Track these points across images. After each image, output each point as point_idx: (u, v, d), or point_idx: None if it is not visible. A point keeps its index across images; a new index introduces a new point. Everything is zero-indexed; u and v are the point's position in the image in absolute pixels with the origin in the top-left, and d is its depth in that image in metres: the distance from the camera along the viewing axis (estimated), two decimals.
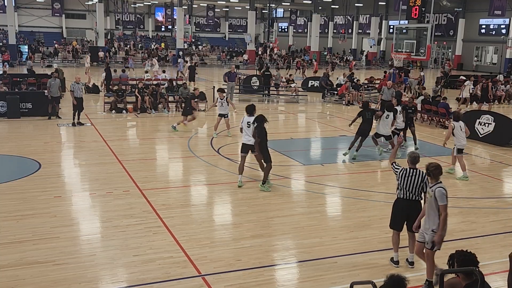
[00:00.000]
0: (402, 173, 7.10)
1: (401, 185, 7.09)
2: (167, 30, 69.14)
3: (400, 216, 7.20)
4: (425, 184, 7.00)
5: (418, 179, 7.05)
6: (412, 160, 7.19)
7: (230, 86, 23.79)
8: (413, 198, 7.09)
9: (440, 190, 6.40)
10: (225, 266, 7.12)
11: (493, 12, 41.77)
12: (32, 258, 7.17)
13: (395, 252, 7.31)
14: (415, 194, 7.07)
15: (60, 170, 11.97)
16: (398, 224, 7.25)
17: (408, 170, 7.10)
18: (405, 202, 7.11)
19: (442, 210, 6.43)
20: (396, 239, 7.30)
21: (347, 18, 59.56)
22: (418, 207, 7.13)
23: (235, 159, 13.19)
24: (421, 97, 20.27)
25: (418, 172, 7.09)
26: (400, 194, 7.13)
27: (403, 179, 7.07)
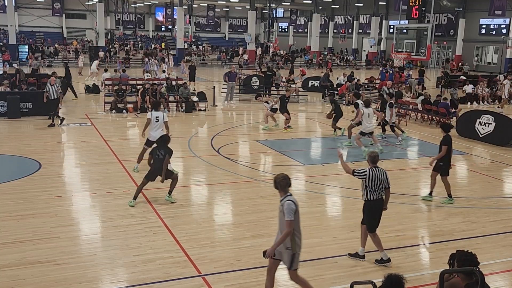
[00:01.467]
0: (370, 174, 7.14)
1: (373, 186, 7.13)
2: (167, 30, 69.13)
3: (379, 216, 7.32)
4: (387, 180, 7.22)
5: (383, 176, 7.19)
6: (372, 160, 7.29)
7: (230, 86, 23.79)
8: (381, 196, 7.25)
9: (289, 204, 5.80)
10: (225, 266, 7.12)
11: (494, 12, 41.76)
12: (32, 258, 7.17)
13: (382, 251, 7.34)
14: (382, 191, 7.22)
15: (60, 170, 11.97)
16: (377, 225, 7.33)
17: (374, 170, 7.18)
18: (378, 202, 7.25)
19: (287, 226, 5.75)
20: (378, 238, 7.34)
21: (347, 18, 59.53)
22: (381, 204, 7.33)
23: (235, 159, 13.19)
24: (421, 97, 20.27)
25: (381, 169, 7.24)
26: (372, 196, 7.17)
27: (373, 180, 7.12)
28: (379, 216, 7.32)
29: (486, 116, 16.33)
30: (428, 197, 10.26)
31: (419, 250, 8.09)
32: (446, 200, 10.09)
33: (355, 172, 7.24)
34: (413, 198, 10.43)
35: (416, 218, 9.37)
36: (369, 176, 7.12)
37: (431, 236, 8.58)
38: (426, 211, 9.85)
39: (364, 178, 7.15)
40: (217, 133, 16.30)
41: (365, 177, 7.15)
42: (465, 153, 14.75)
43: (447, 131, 9.87)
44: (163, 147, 9.51)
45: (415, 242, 8.36)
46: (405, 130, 16.88)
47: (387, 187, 7.28)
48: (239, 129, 17.84)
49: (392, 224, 8.88)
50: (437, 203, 10.22)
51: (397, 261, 7.42)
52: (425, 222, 9.20)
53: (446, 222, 9.06)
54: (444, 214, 9.49)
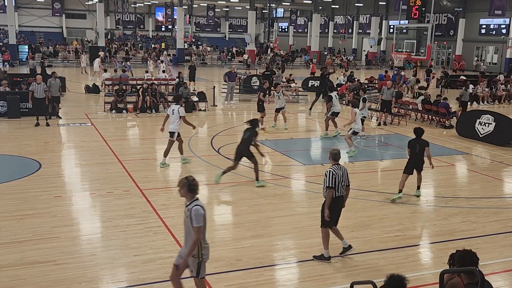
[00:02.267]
0: (332, 171, 7.23)
1: (336, 184, 7.19)
2: (167, 30, 69.12)
3: (338, 213, 7.40)
4: (347, 178, 7.37)
5: (344, 174, 7.30)
6: (334, 157, 7.37)
7: (230, 86, 23.79)
8: (342, 194, 7.33)
9: (198, 209, 5.62)
10: (226, 266, 7.12)
11: (493, 12, 41.76)
12: (32, 258, 7.17)
13: (326, 249, 7.35)
14: (342, 189, 7.31)
15: (60, 170, 11.97)
16: (334, 221, 7.40)
17: (336, 167, 7.27)
18: (338, 200, 7.33)
19: (196, 232, 5.62)
20: (328, 235, 7.37)
21: (347, 18, 59.54)
22: (343, 200, 7.46)
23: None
24: (422, 97, 20.27)
25: (342, 167, 7.35)
26: (335, 193, 7.23)
27: (337, 178, 7.20)
28: (337, 213, 7.38)
29: (486, 116, 16.33)
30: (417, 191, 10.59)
31: (419, 250, 8.09)
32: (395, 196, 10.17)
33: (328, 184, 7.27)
34: (413, 198, 10.44)
35: (416, 218, 9.38)
36: (333, 174, 7.19)
37: (431, 236, 8.59)
38: (426, 211, 9.85)
39: (333, 176, 7.20)
40: (217, 133, 16.31)
41: (334, 175, 7.23)
42: (465, 153, 14.75)
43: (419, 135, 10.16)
44: (250, 129, 10.69)
45: (415, 242, 8.37)
46: (405, 129, 16.85)
47: (347, 185, 7.39)
48: (239, 129, 17.82)
49: (392, 224, 8.88)
50: (437, 203, 10.22)
51: (397, 261, 7.43)
52: (425, 222, 9.20)
53: (446, 222, 9.07)
54: (444, 214, 9.50)
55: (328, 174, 7.22)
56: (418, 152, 10.27)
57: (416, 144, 10.11)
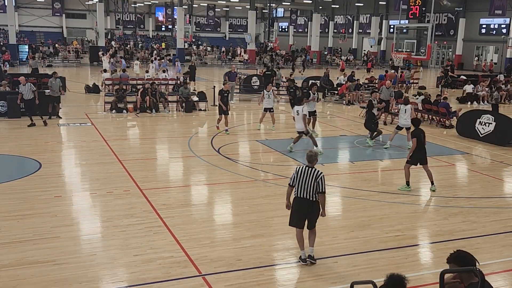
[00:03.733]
0: (298, 170, 7.06)
1: (298, 184, 7.03)
2: (167, 30, 69.14)
3: (297, 214, 7.14)
4: (317, 184, 6.94)
5: (312, 178, 6.96)
6: (308, 159, 7.14)
7: (230, 86, 23.74)
8: (307, 197, 7.01)
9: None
10: (226, 265, 7.12)
11: (494, 11, 41.76)
12: (32, 257, 7.17)
13: (301, 250, 7.22)
14: (309, 193, 6.98)
15: (60, 170, 11.97)
16: (296, 222, 7.17)
17: (303, 168, 7.07)
18: (301, 201, 7.05)
19: None
20: (300, 236, 7.20)
21: (348, 18, 59.51)
22: (314, 207, 7.08)
23: (235, 158, 13.19)
24: (422, 96, 20.27)
25: (313, 171, 7.01)
26: (297, 193, 7.07)
27: (298, 178, 7.01)
28: (299, 215, 7.11)
29: (486, 116, 16.32)
30: (432, 187, 10.78)
31: (419, 250, 8.09)
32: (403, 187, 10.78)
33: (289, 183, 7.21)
34: (413, 198, 10.43)
35: (416, 218, 9.37)
36: (296, 171, 7.08)
37: (431, 236, 8.58)
38: (426, 211, 9.85)
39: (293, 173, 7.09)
40: (217, 133, 16.31)
41: (292, 177, 7.10)
42: (465, 153, 14.75)
43: (417, 125, 10.70)
44: None
45: (415, 242, 8.37)
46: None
47: (320, 191, 6.99)
48: (239, 129, 17.84)
49: (392, 224, 8.88)
50: (437, 203, 10.22)
51: (397, 261, 7.42)
52: (425, 222, 9.20)
53: (446, 222, 9.06)
54: (444, 214, 9.50)
55: (294, 170, 7.13)
56: (423, 142, 10.63)
57: (421, 133, 10.42)
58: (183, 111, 20.42)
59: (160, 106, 20.37)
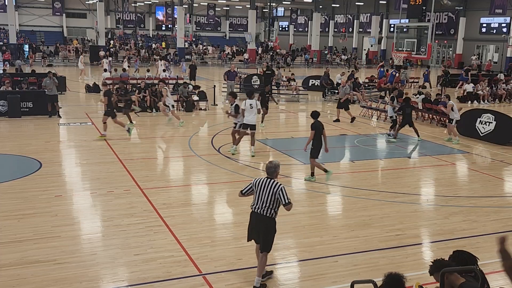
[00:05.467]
0: (257, 181, 6.39)
1: (255, 196, 6.39)
2: (167, 29, 69.15)
3: (251, 229, 6.51)
4: (277, 198, 6.27)
5: (270, 190, 6.26)
6: (267, 170, 6.49)
7: (229, 85, 23.79)
8: (263, 213, 6.32)
9: None
10: (226, 265, 7.12)
11: (494, 10, 41.75)
12: (33, 257, 7.18)
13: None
14: (265, 208, 6.29)
15: (61, 169, 11.98)
16: (252, 237, 6.57)
17: (263, 179, 6.39)
18: (256, 216, 6.38)
19: None
20: (258, 253, 6.59)
21: (348, 17, 59.50)
22: (269, 226, 6.37)
23: (235, 158, 13.19)
24: (422, 95, 20.25)
25: (271, 182, 6.32)
26: (252, 206, 6.43)
27: (256, 189, 6.38)
28: (251, 229, 6.50)
29: (486, 115, 16.31)
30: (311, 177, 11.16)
31: (420, 249, 8.09)
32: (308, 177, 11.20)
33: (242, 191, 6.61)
34: (413, 197, 10.44)
35: (416, 217, 9.37)
36: (254, 183, 6.45)
37: (431, 235, 8.58)
38: (426, 210, 9.85)
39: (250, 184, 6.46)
40: (218, 132, 16.30)
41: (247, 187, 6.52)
42: (466, 152, 14.75)
43: (315, 118, 11.08)
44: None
45: (416, 241, 8.36)
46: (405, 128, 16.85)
47: (285, 204, 6.30)
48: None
49: (392, 223, 8.88)
50: (437, 202, 10.22)
51: (397, 260, 7.43)
52: (426, 221, 9.20)
53: (447, 221, 9.07)
54: (445, 213, 9.50)
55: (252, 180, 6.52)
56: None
57: (320, 126, 11.08)
58: (183, 110, 20.41)
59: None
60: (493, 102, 25.79)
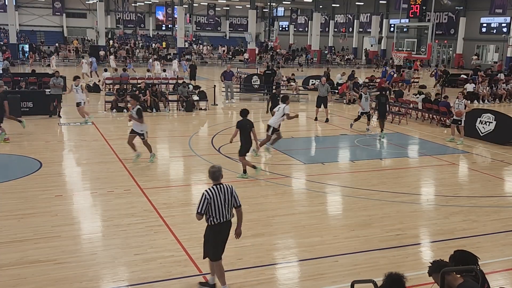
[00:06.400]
0: (211, 194, 6.04)
1: (215, 209, 6.03)
2: (167, 29, 69.16)
3: (223, 241, 6.28)
4: (234, 198, 6.18)
5: (228, 194, 6.11)
6: (212, 176, 6.20)
7: (226, 85, 23.80)
8: (227, 218, 6.16)
9: None
10: (226, 265, 7.10)
11: (494, 10, 41.74)
12: (33, 257, 7.18)
13: (224, 284, 6.33)
14: (229, 213, 6.17)
15: (61, 169, 11.98)
16: (222, 251, 6.29)
17: (214, 189, 6.10)
18: (224, 225, 6.17)
19: None
20: (222, 268, 6.32)
21: (348, 17, 59.50)
22: (230, 226, 6.27)
23: (236, 158, 13.18)
24: (422, 95, 20.26)
25: (225, 187, 6.15)
26: (215, 220, 6.08)
27: (214, 202, 6.02)
28: (225, 240, 6.28)
29: (486, 115, 16.30)
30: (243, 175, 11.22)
31: (420, 249, 8.09)
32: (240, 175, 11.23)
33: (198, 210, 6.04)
34: (413, 197, 10.44)
35: (416, 217, 9.37)
36: (208, 198, 6.01)
37: (431, 235, 8.58)
38: (426, 210, 9.85)
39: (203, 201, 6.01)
40: (218, 132, 16.31)
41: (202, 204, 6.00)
42: (466, 152, 14.74)
43: (243, 116, 11.17)
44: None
45: (416, 241, 8.37)
46: (406, 128, 16.86)
47: (237, 206, 6.20)
48: None
49: (392, 223, 8.88)
50: (437, 202, 10.22)
51: (397, 260, 7.43)
52: (426, 221, 9.20)
53: (447, 221, 9.07)
54: (445, 213, 9.50)
55: (201, 196, 6.02)
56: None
57: (246, 124, 11.23)
58: (183, 110, 20.42)
59: (161, 106, 20.38)
60: (493, 102, 25.78)
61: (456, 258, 4.73)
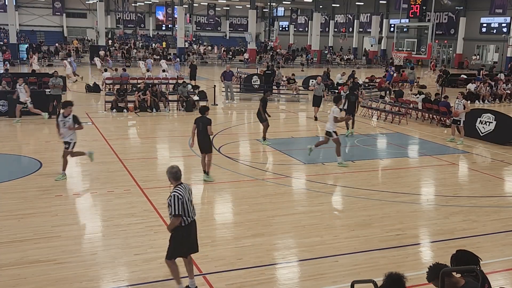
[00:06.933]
0: (182, 193, 5.97)
1: (185, 208, 5.99)
2: (167, 29, 69.16)
3: (191, 240, 6.22)
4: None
5: (190, 194, 6.15)
6: (174, 176, 6.09)
7: (226, 85, 23.80)
8: (194, 217, 6.21)
9: None
10: (226, 265, 7.12)
11: (494, 10, 41.75)
12: (33, 257, 7.18)
13: (180, 283, 6.31)
14: (194, 211, 6.20)
15: (61, 169, 11.95)
16: (186, 251, 6.25)
17: (181, 189, 6.02)
18: (192, 225, 6.17)
19: None
20: (177, 268, 6.28)
21: (348, 17, 59.50)
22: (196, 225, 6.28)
23: (236, 158, 13.20)
24: (422, 95, 20.26)
25: (186, 185, 6.15)
26: (188, 219, 6.04)
27: (184, 201, 5.97)
28: (193, 240, 6.21)
29: (486, 115, 16.31)
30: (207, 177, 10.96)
31: (420, 249, 8.09)
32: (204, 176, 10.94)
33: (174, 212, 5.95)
34: (413, 197, 10.44)
35: (416, 217, 9.37)
36: (181, 198, 5.94)
37: (431, 235, 8.58)
38: (426, 210, 9.85)
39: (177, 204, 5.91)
40: (218, 132, 16.30)
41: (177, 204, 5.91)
42: (466, 152, 14.74)
43: (201, 113, 10.78)
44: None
45: (416, 241, 8.37)
46: (406, 128, 16.86)
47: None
48: (239, 128, 17.85)
49: (393, 223, 8.89)
50: (437, 202, 10.22)
51: (397, 260, 7.43)
52: (426, 221, 9.20)
53: (447, 221, 9.07)
54: (445, 213, 9.50)
55: (173, 199, 5.91)
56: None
57: (200, 122, 10.92)
58: (183, 110, 20.42)
59: (161, 105, 20.38)
60: (494, 102, 25.78)
61: (458, 258, 4.73)
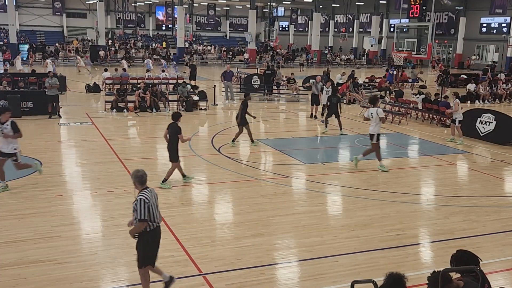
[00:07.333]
0: (149, 198, 5.83)
1: (152, 213, 5.85)
2: (167, 29, 69.16)
3: (156, 246, 6.14)
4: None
5: (155, 196, 6.04)
6: (140, 180, 5.92)
7: (226, 85, 23.80)
8: (160, 222, 6.08)
9: None
10: (226, 265, 7.12)
11: (494, 10, 41.75)
12: (33, 257, 7.18)
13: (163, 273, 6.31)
14: (159, 216, 6.09)
15: (61, 169, 11.97)
16: (153, 256, 6.15)
17: (148, 194, 5.87)
18: (158, 230, 6.06)
19: None
20: (148, 276, 6.21)
21: (348, 17, 59.50)
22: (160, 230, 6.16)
23: (236, 158, 13.19)
24: (422, 95, 20.26)
25: (152, 189, 6.02)
26: (154, 224, 5.93)
27: (151, 206, 5.84)
28: (157, 247, 6.13)
29: (486, 115, 16.31)
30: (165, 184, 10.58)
31: (420, 249, 8.09)
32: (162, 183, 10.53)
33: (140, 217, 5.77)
34: (413, 197, 10.44)
35: (416, 217, 9.37)
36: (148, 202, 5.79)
37: (431, 235, 8.58)
38: (426, 210, 9.85)
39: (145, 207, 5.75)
40: (218, 132, 16.31)
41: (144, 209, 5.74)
42: (466, 152, 14.74)
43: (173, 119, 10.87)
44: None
45: (416, 241, 8.37)
46: (406, 128, 16.86)
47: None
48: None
49: (393, 223, 8.88)
50: (437, 202, 10.22)
51: (397, 260, 7.43)
52: (426, 221, 9.20)
53: (447, 221, 9.07)
54: (445, 213, 9.50)
55: (139, 203, 5.74)
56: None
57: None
58: (183, 110, 20.40)
59: (161, 105, 20.38)
60: (493, 102, 25.78)
61: (458, 258, 4.74)
